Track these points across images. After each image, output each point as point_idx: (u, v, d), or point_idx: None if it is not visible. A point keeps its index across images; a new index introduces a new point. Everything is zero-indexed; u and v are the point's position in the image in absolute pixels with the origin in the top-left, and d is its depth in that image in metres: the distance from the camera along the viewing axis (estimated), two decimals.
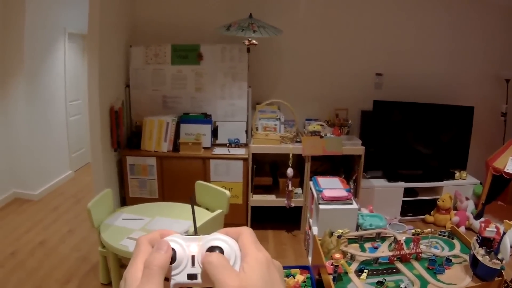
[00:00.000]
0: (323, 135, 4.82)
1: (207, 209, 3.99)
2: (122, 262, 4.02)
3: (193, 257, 0.57)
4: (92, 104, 4.60)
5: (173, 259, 0.56)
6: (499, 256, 2.70)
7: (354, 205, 3.83)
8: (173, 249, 0.57)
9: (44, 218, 5.46)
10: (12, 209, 5.74)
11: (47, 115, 6.28)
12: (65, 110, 6.86)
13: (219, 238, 0.59)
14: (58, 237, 4.91)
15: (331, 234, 3.33)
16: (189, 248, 0.58)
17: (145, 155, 4.94)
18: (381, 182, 5.27)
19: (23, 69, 5.60)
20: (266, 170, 5.39)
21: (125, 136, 5.19)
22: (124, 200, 5.14)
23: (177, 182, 4.93)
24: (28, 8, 5.45)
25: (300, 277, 3.42)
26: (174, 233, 0.60)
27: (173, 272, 0.57)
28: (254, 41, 4.55)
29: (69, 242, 4.80)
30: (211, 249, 0.57)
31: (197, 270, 0.57)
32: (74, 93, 7.16)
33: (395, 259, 3.06)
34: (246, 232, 0.61)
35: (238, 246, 0.59)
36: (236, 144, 5.12)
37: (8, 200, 5.96)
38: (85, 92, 4.85)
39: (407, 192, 5.27)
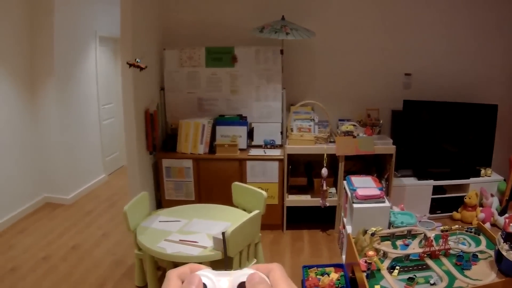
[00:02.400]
0: (355, 135, 5.04)
1: (244, 210, 4.16)
2: (159, 265, 4.15)
3: None
4: (127, 108, 4.86)
5: None
6: None
7: (387, 204, 4.08)
8: (204, 284, 0.57)
9: (77, 222, 5.67)
10: (44, 214, 5.94)
11: (79, 118, 6.52)
12: (98, 113, 7.13)
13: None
14: (92, 241, 5.13)
15: (365, 232, 3.60)
16: (219, 283, 0.58)
17: (181, 157, 5.20)
18: (411, 181, 5.49)
19: (54, 73, 5.83)
20: (301, 170, 5.60)
21: (160, 139, 5.45)
22: (160, 202, 5.39)
23: (214, 184, 5.18)
24: (58, 13, 5.72)
25: (334, 275, 3.70)
26: (204, 268, 0.61)
27: None
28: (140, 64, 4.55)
29: (103, 246, 5.01)
30: (242, 284, 0.58)
31: None
32: (107, 96, 7.43)
33: (425, 255, 3.32)
34: (277, 268, 0.61)
35: (269, 282, 0.59)
36: (271, 145, 5.35)
37: (40, 205, 6.17)
38: (118, 95, 5.01)
39: (436, 189, 5.50)
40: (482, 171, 5.62)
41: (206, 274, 0.59)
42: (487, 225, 5.04)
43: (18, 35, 5.57)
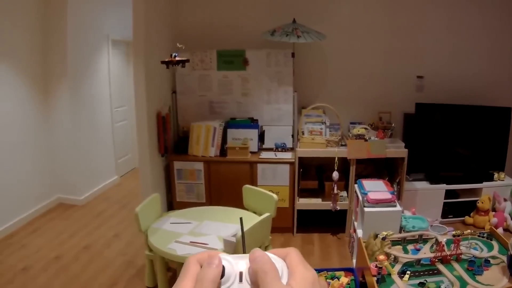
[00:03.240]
0: (367, 138, 5.00)
1: (255, 212, 4.16)
2: (169, 266, 4.22)
3: (241, 273, 0.59)
4: (139, 110, 4.89)
5: (222, 274, 0.58)
6: None
7: (398, 208, 4.03)
8: (222, 265, 0.58)
9: (89, 223, 5.73)
10: (56, 214, 6.02)
11: (92, 121, 6.60)
12: (110, 116, 7.20)
13: None
14: (103, 242, 5.18)
15: (376, 236, 3.55)
16: (237, 265, 0.59)
17: (193, 160, 5.22)
18: (423, 185, 5.43)
19: (67, 75, 5.92)
20: (312, 173, 5.56)
21: (172, 141, 5.46)
22: (171, 204, 5.41)
23: (225, 187, 5.18)
24: (70, 17, 5.80)
25: (344, 279, 3.65)
26: (222, 253, 0.61)
27: (221, 287, 0.58)
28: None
29: (114, 247, 5.05)
30: None
31: (244, 286, 0.59)
32: (119, 99, 7.49)
33: (436, 260, 3.28)
34: (294, 252, 0.62)
35: (286, 265, 0.60)
36: (282, 148, 5.35)
37: (52, 205, 6.25)
38: (131, 98, 5.06)
39: (448, 194, 5.43)
40: (495, 175, 5.54)
41: (225, 257, 0.60)
42: (500, 230, 4.96)
43: (32, 39, 5.66)
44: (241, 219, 0.81)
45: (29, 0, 5.53)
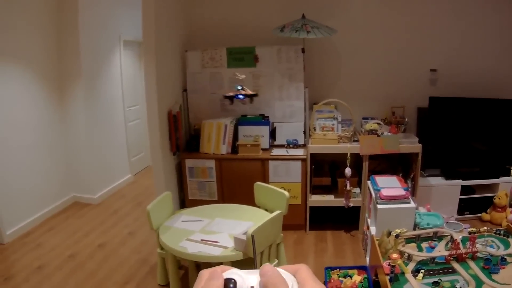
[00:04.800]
0: (380, 133, 4.91)
1: (267, 210, 4.13)
2: (181, 264, 4.26)
3: None
4: (151, 109, 4.86)
5: None
6: None
7: (412, 204, 3.90)
8: (234, 279, 0.59)
9: (104, 221, 5.76)
10: (71, 212, 6.07)
11: (106, 120, 6.65)
12: (123, 115, 7.25)
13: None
14: (118, 240, 5.19)
15: (389, 234, 3.45)
16: (249, 280, 0.60)
17: (204, 157, 5.17)
18: (439, 180, 5.30)
19: (81, 76, 5.96)
20: (325, 170, 5.50)
21: (184, 139, 5.44)
22: (184, 202, 5.39)
23: (236, 184, 5.14)
24: (82, 18, 5.84)
25: (357, 278, 3.58)
26: (234, 269, 0.62)
27: None
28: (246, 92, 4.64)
29: (129, 245, 5.06)
30: None
31: None
32: (132, 98, 7.56)
33: (451, 258, 3.18)
34: (304, 268, 0.62)
35: (296, 280, 0.60)
36: (294, 144, 5.26)
37: (68, 204, 6.32)
38: (143, 97, 5.09)
39: (464, 189, 5.29)
40: None
41: (237, 272, 0.61)
42: None
43: (45, 40, 5.73)
44: (253, 236, 0.83)
45: (42, 3, 5.57)
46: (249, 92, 4.35)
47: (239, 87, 4.33)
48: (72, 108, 6.08)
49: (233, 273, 0.61)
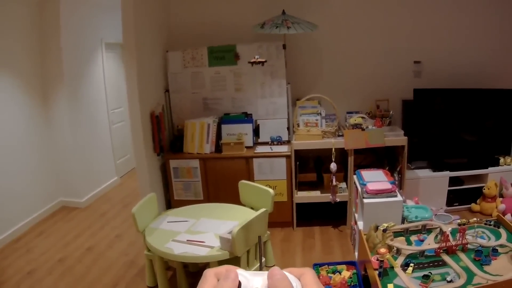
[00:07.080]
0: (365, 127, 4.82)
1: (252, 208, 4.08)
2: (168, 265, 4.22)
3: None
4: (133, 111, 4.79)
5: None
6: None
7: (399, 197, 3.82)
8: (239, 281, 0.58)
9: (92, 224, 5.70)
10: (60, 217, 6.01)
11: (90, 123, 6.55)
12: (107, 117, 7.15)
13: None
14: (106, 243, 5.14)
15: (376, 228, 3.37)
16: (253, 281, 0.59)
17: (188, 157, 5.08)
18: (426, 172, 5.22)
19: (64, 80, 5.88)
20: (310, 166, 5.41)
21: (167, 140, 5.36)
22: (169, 203, 5.31)
23: (221, 183, 5.05)
24: (63, 22, 5.77)
25: (346, 273, 3.47)
26: (239, 269, 0.61)
27: None
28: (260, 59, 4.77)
29: (117, 247, 5.01)
30: None
31: None
32: (116, 100, 7.45)
33: (441, 251, 3.09)
34: (309, 272, 0.62)
35: (300, 284, 0.60)
36: (278, 141, 5.17)
37: (56, 208, 6.25)
38: (127, 99, 5.00)
39: (453, 181, 5.20)
40: (501, 160, 5.29)
41: (242, 273, 0.60)
42: (508, 217, 4.70)
43: (27, 45, 5.68)
44: (259, 237, 0.87)
45: (23, 7, 5.48)
46: (263, 60, 4.66)
47: (257, 56, 4.56)
48: (56, 112, 6.02)
49: (239, 273, 0.60)
